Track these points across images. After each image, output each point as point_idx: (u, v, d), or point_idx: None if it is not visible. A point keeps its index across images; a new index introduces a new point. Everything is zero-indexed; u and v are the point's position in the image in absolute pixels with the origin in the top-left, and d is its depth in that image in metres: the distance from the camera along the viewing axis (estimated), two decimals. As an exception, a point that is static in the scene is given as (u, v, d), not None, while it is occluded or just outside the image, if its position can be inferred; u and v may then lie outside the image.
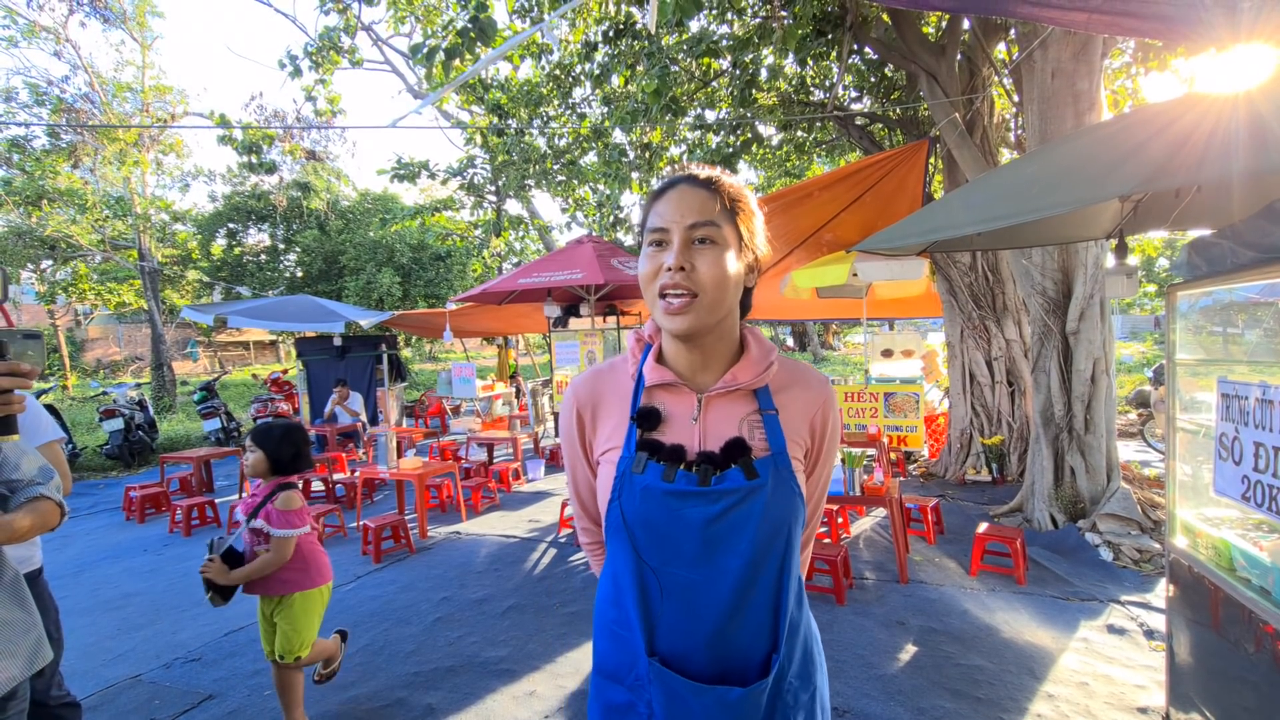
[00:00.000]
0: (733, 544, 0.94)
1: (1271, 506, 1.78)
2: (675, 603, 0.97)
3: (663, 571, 0.97)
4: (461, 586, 4.30)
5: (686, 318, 0.95)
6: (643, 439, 1.02)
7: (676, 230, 0.96)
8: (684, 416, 1.02)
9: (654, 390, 1.05)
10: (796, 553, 1.00)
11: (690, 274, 0.95)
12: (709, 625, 0.94)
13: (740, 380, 1.01)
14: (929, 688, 2.88)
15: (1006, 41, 6.55)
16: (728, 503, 0.94)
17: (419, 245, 16.84)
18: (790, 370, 1.07)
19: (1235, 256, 1.95)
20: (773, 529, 0.95)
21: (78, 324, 22.62)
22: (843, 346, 29.97)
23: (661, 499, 0.96)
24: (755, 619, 0.95)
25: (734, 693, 0.92)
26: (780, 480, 0.96)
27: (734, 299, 1.01)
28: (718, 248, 0.96)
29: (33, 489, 1.59)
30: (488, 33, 3.80)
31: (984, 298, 6.68)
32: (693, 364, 1.04)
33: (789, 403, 1.04)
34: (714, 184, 0.99)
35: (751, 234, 1.03)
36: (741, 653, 0.95)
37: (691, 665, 0.95)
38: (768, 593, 0.96)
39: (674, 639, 0.96)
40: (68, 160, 14.50)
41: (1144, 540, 4.40)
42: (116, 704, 3.01)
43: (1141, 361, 16.50)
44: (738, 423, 1.01)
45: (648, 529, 0.97)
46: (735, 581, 0.94)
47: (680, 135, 8.79)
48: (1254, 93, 1.95)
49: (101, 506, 7.27)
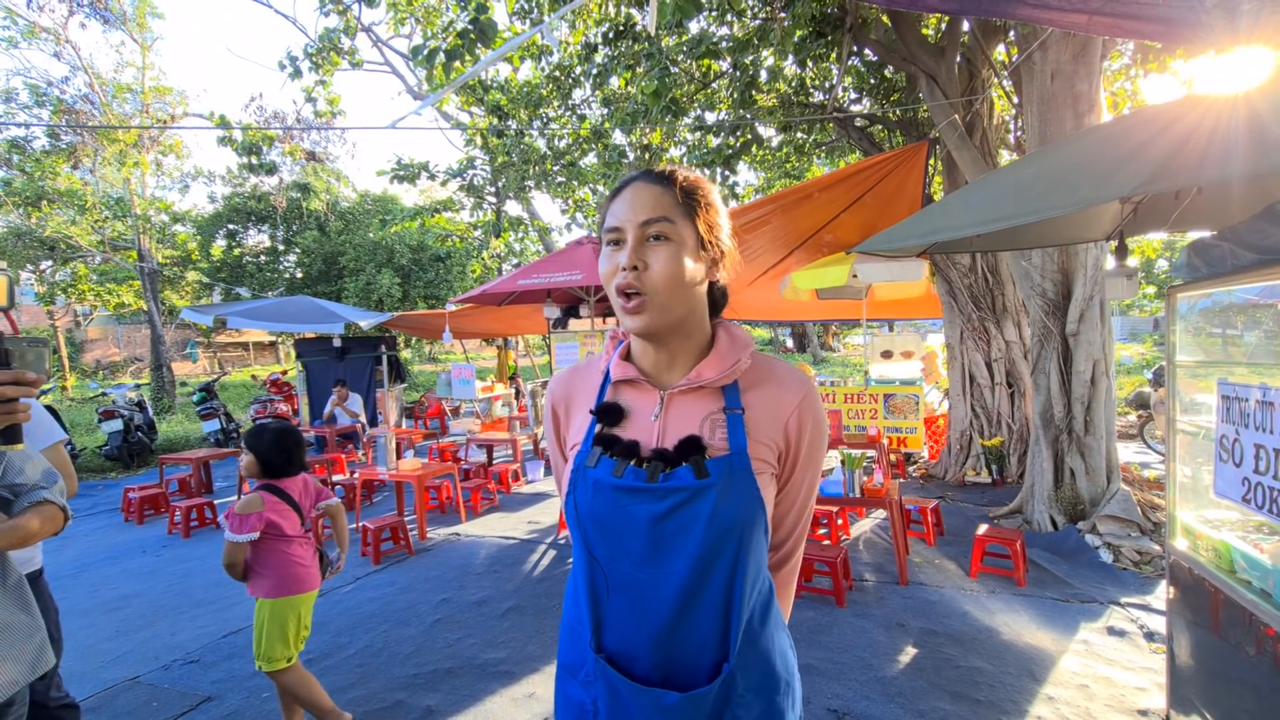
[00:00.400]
0: (680, 544, 0.92)
1: (1272, 508, 1.77)
2: (622, 601, 0.96)
3: (610, 568, 0.96)
4: (461, 588, 4.29)
5: (641, 317, 0.94)
6: (600, 434, 1.01)
7: (630, 228, 0.94)
8: (646, 413, 1.01)
9: (620, 387, 1.05)
10: (754, 559, 0.95)
11: (643, 273, 0.93)
12: (654, 626, 0.93)
13: (705, 377, 0.98)
14: (929, 690, 2.87)
15: (1006, 43, 6.55)
16: (674, 501, 0.92)
17: (419, 246, 16.84)
18: (765, 368, 1.03)
19: (1235, 258, 1.95)
20: (722, 531, 0.91)
21: (77, 325, 22.62)
22: (842, 348, 29.98)
23: (611, 494, 0.95)
24: (703, 623, 0.92)
25: (670, 696, 0.90)
26: (735, 482, 0.92)
27: (693, 296, 0.98)
28: (672, 245, 0.94)
29: (36, 493, 1.58)
30: (488, 34, 3.80)
31: (984, 299, 6.68)
32: (658, 361, 1.02)
33: (758, 401, 0.99)
34: (670, 179, 0.97)
35: (711, 229, 0.99)
36: (689, 656, 0.93)
37: (637, 665, 0.94)
38: (716, 597, 0.92)
39: (621, 637, 0.96)
40: (67, 161, 14.50)
41: (1144, 542, 4.40)
42: (115, 705, 3.00)
43: (1141, 363, 16.51)
44: (700, 420, 0.98)
45: (598, 524, 0.97)
46: (682, 583, 0.91)
47: (680, 136, 8.80)
48: (1253, 94, 1.95)
49: (100, 508, 7.26)
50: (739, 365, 0.99)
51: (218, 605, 4.17)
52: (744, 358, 1.00)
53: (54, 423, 2.19)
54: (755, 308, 10.83)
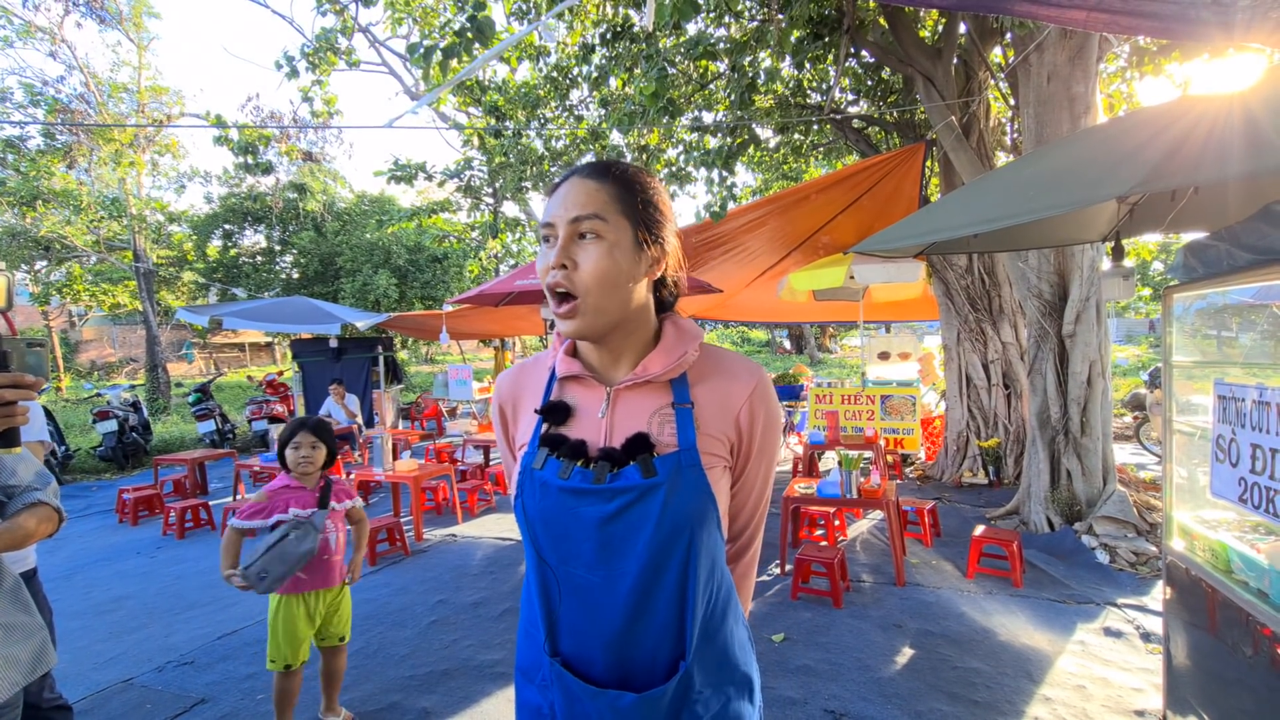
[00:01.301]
0: (630, 545, 0.90)
1: (1269, 508, 1.77)
2: (574, 603, 0.94)
3: (561, 571, 0.95)
4: (457, 589, 4.28)
5: (574, 322, 0.92)
6: (547, 434, 0.99)
7: (561, 225, 0.91)
8: (593, 411, 0.98)
9: (566, 384, 1.02)
10: (708, 554, 0.93)
11: (572, 273, 0.90)
12: (608, 628, 0.91)
13: (651, 372, 0.95)
14: (926, 691, 2.87)
15: (1002, 45, 6.57)
16: (622, 502, 0.90)
17: (416, 247, 16.81)
18: (714, 360, 1.00)
19: (1232, 258, 1.95)
20: (673, 530, 0.89)
21: (72, 325, 22.52)
22: (840, 349, 30.02)
23: (558, 496, 0.93)
24: (658, 622, 0.91)
25: (626, 698, 0.89)
26: (684, 479, 0.90)
27: (629, 296, 0.94)
28: (603, 242, 0.90)
29: (30, 494, 1.57)
30: (485, 33, 3.80)
31: (980, 300, 6.69)
32: (603, 357, 1.00)
33: (708, 394, 0.97)
34: (607, 173, 0.94)
35: (652, 226, 0.95)
36: (646, 656, 0.92)
37: (593, 668, 0.93)
38: (670, 596, 0.90)
39: (575, 640, 0.95)
40: (63, 161, 14.44)
41: (1140, 543, 4.40)
42: (108, 708, 2.98)
43: (1136, 365, 16.57)
44: (648, 417, 0.95)
45: (547, 527, 0.95)
46: (634, 584, 0.90)
47: (678, 137, 8.80)
48: (1248, 95, 1.96)
49: (94, 509, 7.22)
50: (686, 358, 0.96)
51: (212, 607, 4.15)
52: (691, 350, 0.97)
53: (43, 422, 2.18)
54: (752, 309, 10.84)
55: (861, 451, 5.62)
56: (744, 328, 31.67)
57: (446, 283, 16.75)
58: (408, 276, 16.66)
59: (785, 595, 3.94)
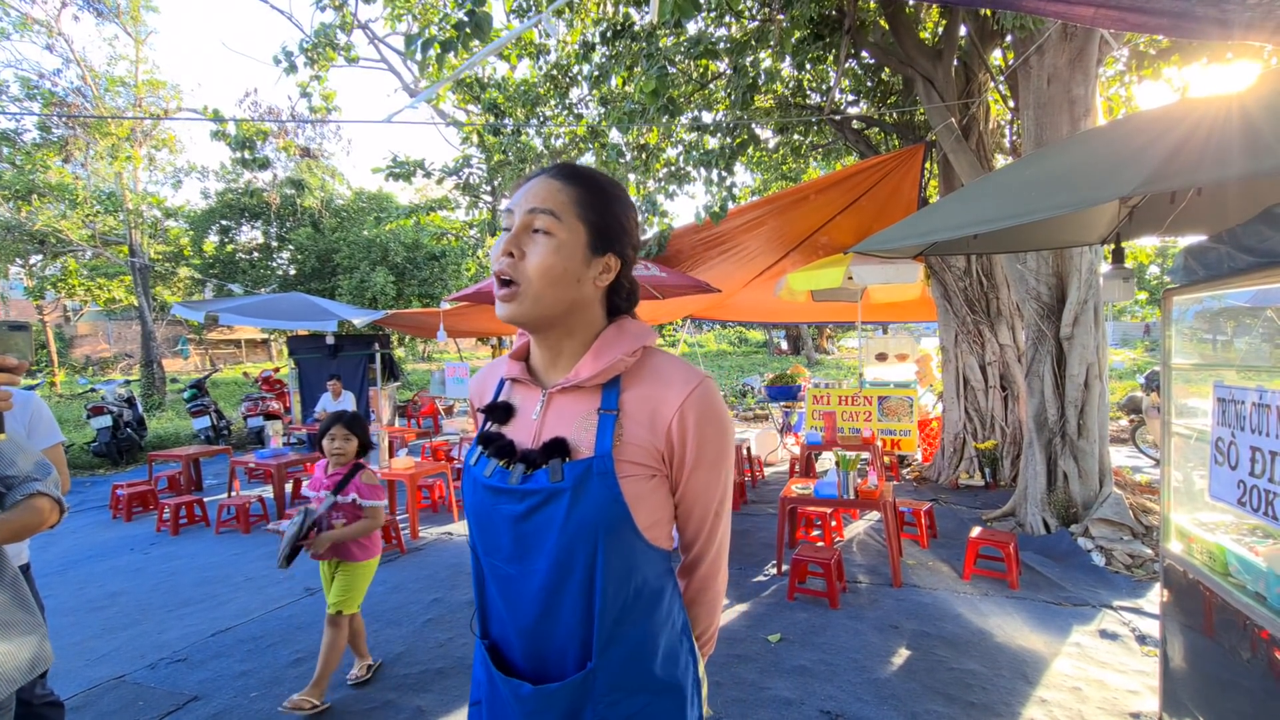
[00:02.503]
0: (539, 544, 0.94)
1: (1268, 511, 1.77)
2: (496, 592, 1.01)
3: (486, 561, 1.01)
4: (453, 588, 4.26)
5: (509, 306, 0.94)
6: (486, 432, 1.04)
7: (517, 214, 0.94)
8: (529, 412, 1.02)
9: (513, 385, 1.08)
10: (622, 560, 0.92)
11: (518, 262, 0.93)
12: (523, 618, 0.97)
13: (581, 376, 0.96)
14: (922, 692, 2.87)
15: (1002, 47, 6.58)
16: (530, 503, 0.94)
17: (413, 244, 16.77)
18: (652, 367, 0.98)
19: (1232, 261, 1.95)
20: (575, 534, 0.91)
21: (66, 320, 22.42)
22: (837, 350, 30.06)
23: (483, 492, 0.99)
24: (566, 619, 0.94)
25: (525, 688, 0.94)
26: (593, 486, 0.91)
27: (573, 294, 0.95)
28: (552, 239, 0.92)
29: (29, 485, 1.55)
30: (483, 28, 3.78)
31: (978, 302, 6.70)
32: (545, 360, 1.03)
33: (638, 402, 0.95)
34: (573, 177, 0.96)
35: (609, 235, 0.97)
36: (557, 651, 0.96)
37: (513, 654, 1.00)
38: (576, 596, 0.92)
39: (499, 626, 1.02)
40: (59, 154, 14.37)
41: (1136, 545, 4.41)
42: (100, 704, 2.96)
43: (1133, 368, 16.62)
44: (574, 421, 0.96)
45: (475, 519, 1.02)
46: (543, 581, 0.94)
47: (677, 136, 8.79)
48: (1246, 97, 1.96)
49: (88, 504, 7.18)
50: (618, 364, 0.96)
51: (206, 604, 4.13)
52: (624, 355, 0.96)
53: (56, 424, 2.17)
54: (750, 309, 10.84)
55: (859, 452, 5.61)
56: (741, 328, 31.70)
57: (444, 280, 16.72)
58: (405, 274, 16.62)
59: (781, 596, 3.94)
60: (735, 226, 6.30)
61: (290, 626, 3.73)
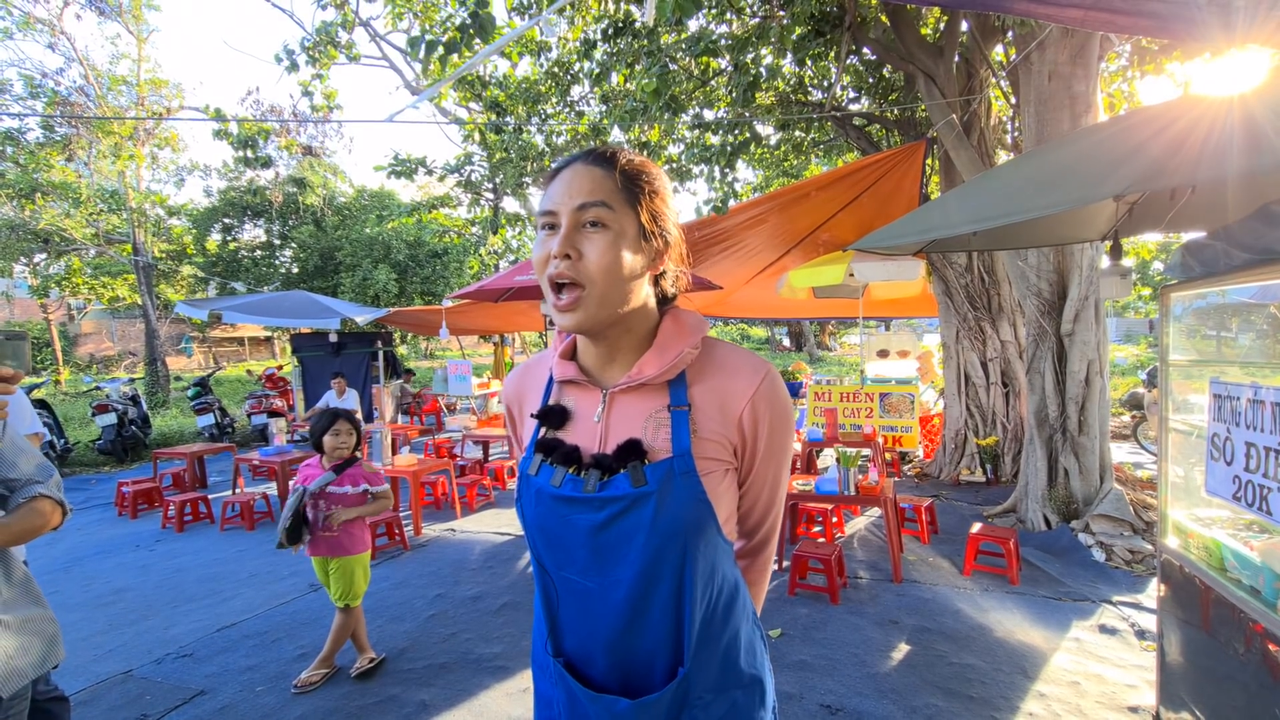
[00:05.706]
0: (622, 554, 0.88)
1: (1262, 506, 1.79)
2: (573, 607, 0.94)
3: (558, 576, 0.94)
4: (456, 584, 4.29)
5: (575, 314, 0.86)
6: (543, 439, 0.96)
7: (565, 213, 0.86)
8: (589, 415, 0.95)
9: (565, 386, 0.99)
10: (705, 560, 0.90)
11: (577, 263, 0.85)
12: (606, 632, 0.91)
13: (646, 374, 0.91)
14: (922, 686, 2.89)
15: (1004, 44, 6.56)
16: (612, 511, 0.87)
17: (416, 242, 16.80)
18: (716, 357, 0.94)
19: (1229, 258, 1.96)
20: (664, 540, 0.86)
21: (71, 318, 22.49)
22: (839, 347, 30.02)
23: (552, 504, 0.92)
24: (655, 628, 0.89)
25: (621, 703, 0.88)
26: (677, 487, 0.87)
27: (634, 290, 0.90)
28: (609, 232, 0.86)
29: (32, 488, 1.56)
30: (486, 28, 3.79)
31: (980, 299, 6.70)
32: (600, 358, 0.96)
33: (707, 395, 0.91)
34: (611, 161, 0.89)
35: (656, 217, 0.91)
36: (644, 661, 0.90)
37: (594, 669, 0.93)
38: (666, 602, 0.88)
39: (577, 641, 0.95)
40: (62, 153, 14.40)
41: (1136, 541, 4.42)
42: (106, 699, 2.99)
43: (1135, 364, 16.58)
44: (642, 421, 0.91)
45: (543, 533, 0.94)
46: (628, 592, 0.88)
47: (678, 134, 8.79)
48: (1248, 95, 1.96)
49: (94, 502, 7.23)
50: (683, 357, 0.91)
51: (211, 600, 4.16)
52: (687, 349, 0.92)
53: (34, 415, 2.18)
54: (752, 305, 10.84)
55: (860, 449, 5.64)
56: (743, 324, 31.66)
57: (446, 278, 16.74)
58: (407, 272, 16.65)
59: (783, 591, 3.96)
60: (736, 223, 6.30)
61: (295, 622, 3.77)
